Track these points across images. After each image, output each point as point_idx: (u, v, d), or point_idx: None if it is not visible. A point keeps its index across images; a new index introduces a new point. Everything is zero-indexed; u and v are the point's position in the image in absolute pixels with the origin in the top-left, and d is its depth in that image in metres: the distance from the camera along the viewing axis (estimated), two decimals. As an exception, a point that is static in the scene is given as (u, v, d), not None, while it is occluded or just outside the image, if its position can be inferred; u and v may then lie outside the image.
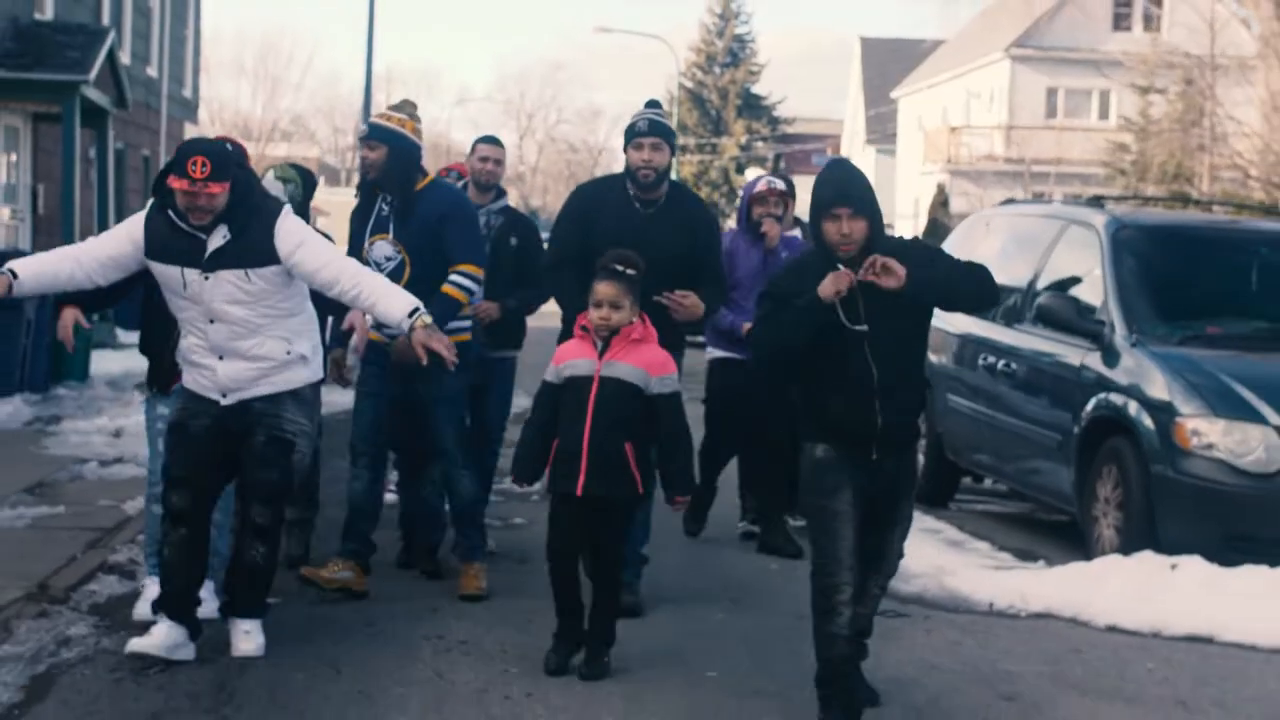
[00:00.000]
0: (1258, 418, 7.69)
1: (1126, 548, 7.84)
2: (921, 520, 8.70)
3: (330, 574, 7.07)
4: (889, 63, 60.34)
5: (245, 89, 73.58)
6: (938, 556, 8.42)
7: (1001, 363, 9.64)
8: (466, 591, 7.17)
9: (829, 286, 5.38)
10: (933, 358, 9.65)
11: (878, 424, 5.49)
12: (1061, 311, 8.85)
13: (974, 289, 5.58)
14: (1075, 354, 8.77)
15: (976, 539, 9.21)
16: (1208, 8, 28.88)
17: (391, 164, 7.22)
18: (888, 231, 5.73)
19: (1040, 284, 9.57)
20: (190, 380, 6.16)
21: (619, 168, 7.64)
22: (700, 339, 8.83)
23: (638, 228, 7.11)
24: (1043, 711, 5.77)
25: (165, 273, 6.03)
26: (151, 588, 6.50)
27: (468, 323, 7.34)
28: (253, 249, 5.99)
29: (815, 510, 5.60)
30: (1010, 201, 12.01)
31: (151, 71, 27.36)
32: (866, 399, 5.48)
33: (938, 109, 51.72)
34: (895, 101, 57.13)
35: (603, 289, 6.08)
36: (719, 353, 8.80)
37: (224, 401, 6.10)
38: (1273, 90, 24.43)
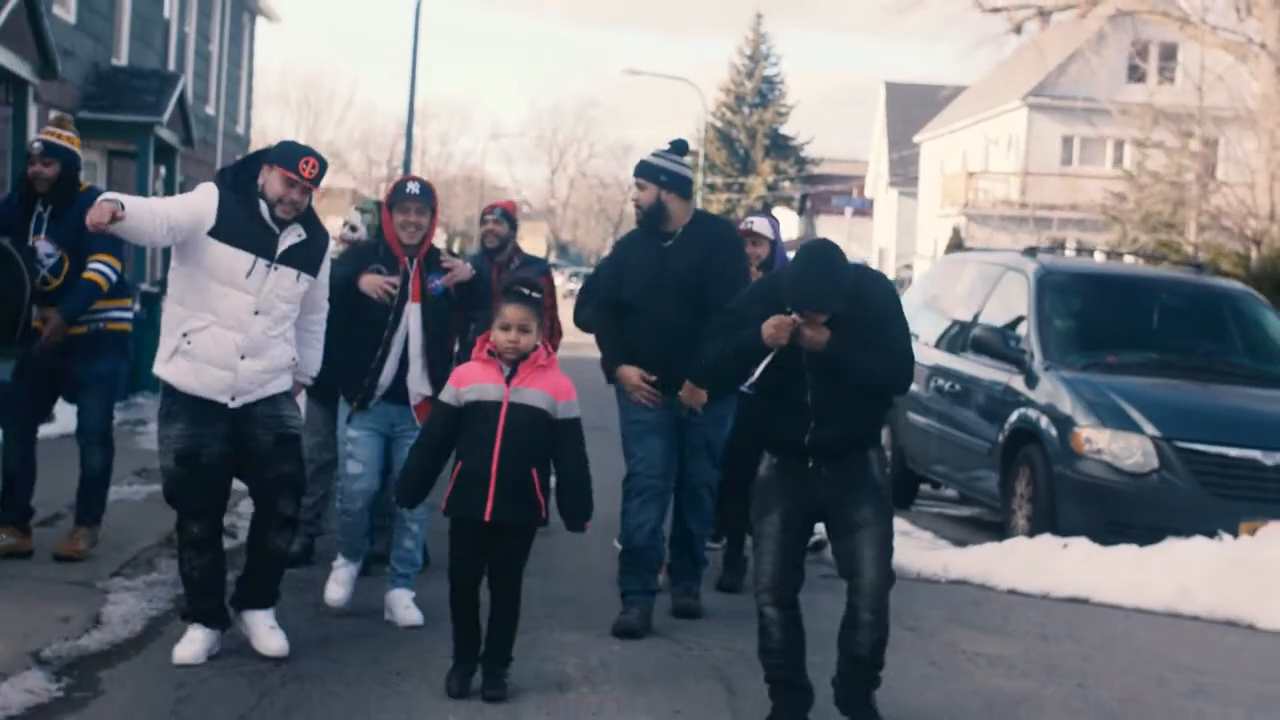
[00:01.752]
0: (1137, 429, 9.53)
1: (1032, 532, 9.68)
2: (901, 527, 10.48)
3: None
4: (913, 107, 60.66)
5: (289, 120, 75.61)
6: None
7: (949, 384, 11.53)
8: (61, 552, 7.85)
9: (771, 332, 5.56)
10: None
11: (805, 441, 5.68)
12: (992, 341, 10.72)
13: (881, 382, 5.75)
14: (1003, 376, 10.65)
15: (922, 530, 11.04)
16: (1217, 61, 30.38)
17: (61, 176, 7.84)
18: (906, 273, 6.84)
19: (982, 318, 11.44)
20: (200, 383, 6.21)
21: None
22: None
23: (657, 260, 7.48)
24: (933, 637, 7.56)
25: (229, 257, 6.16)
26: (341, 572, 7.29)
27: (129, 315, 8.18)
28: (312, 257, 6.41)
29: (755, 531, 5.86)
30: (964, 249, 13.89)
31: (210, 110, 29.32)
32: (801, 417, 5.68)
33: (958, 154, 52.76)
34: (918, 145, 58.03)
35: (512, 312, 6.03)
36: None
37: (232, 404, 6.23)
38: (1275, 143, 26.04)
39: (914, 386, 12.23)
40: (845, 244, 7.72)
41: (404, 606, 7.19)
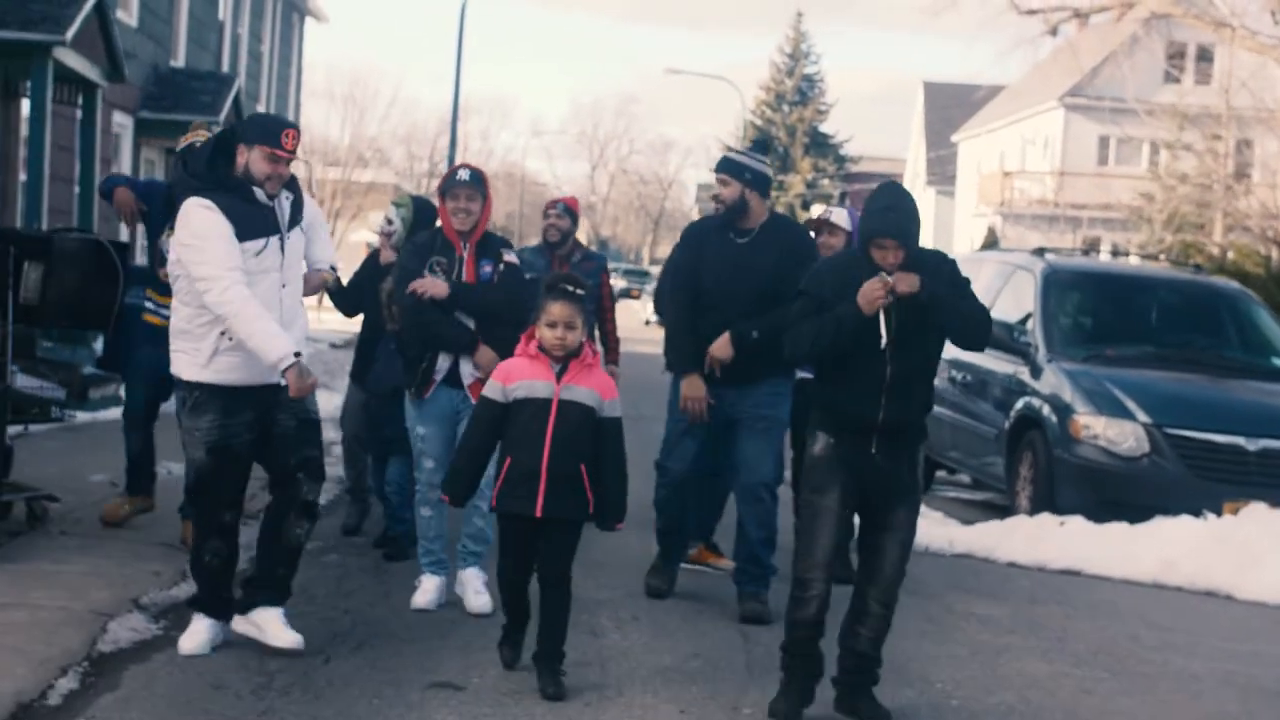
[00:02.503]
0: (1131, 416, 10.31)
1: (1033, 511, 10.46)
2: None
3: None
4: (951, 107, 60.46)
5: (335, 115, 76.44)
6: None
7: (962, 375, 12.32)
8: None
9: (867, 300, 5.64)
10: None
11: (879, 418, 5.72)
12: (1001, 336, 11.48)
13: (976, 324, 5.88)
14: (1010, 368, 11.43)
15: (934, 510, 11.82)
16: (1250, 64, 30.87)
17: None
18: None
19: (994, 314, 12.19)
20: (251, 373, 6.19)
21: (689, 200, 9.26)
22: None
23: (734, 256, 7.51)
24: (932, 600, 8.34)
25: (253, 249, 6.18)
26: (428, 582, 7.33)
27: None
28: (298, 208, 6.44)
29: (805, 504, 5.87)
30: (998, 249, 14.66)
31: (261, 108, 30.23)
32: (874, 393, 5.71)
33: (995, 153, 53.00)
34: (955, 145, 58.34)
35: (559, 309, 6.03)
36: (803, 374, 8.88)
37: (282, 381, 6.15)
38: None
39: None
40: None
41: (475, 591, 7.28)
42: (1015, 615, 8.08)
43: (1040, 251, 12.64)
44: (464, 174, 7.36)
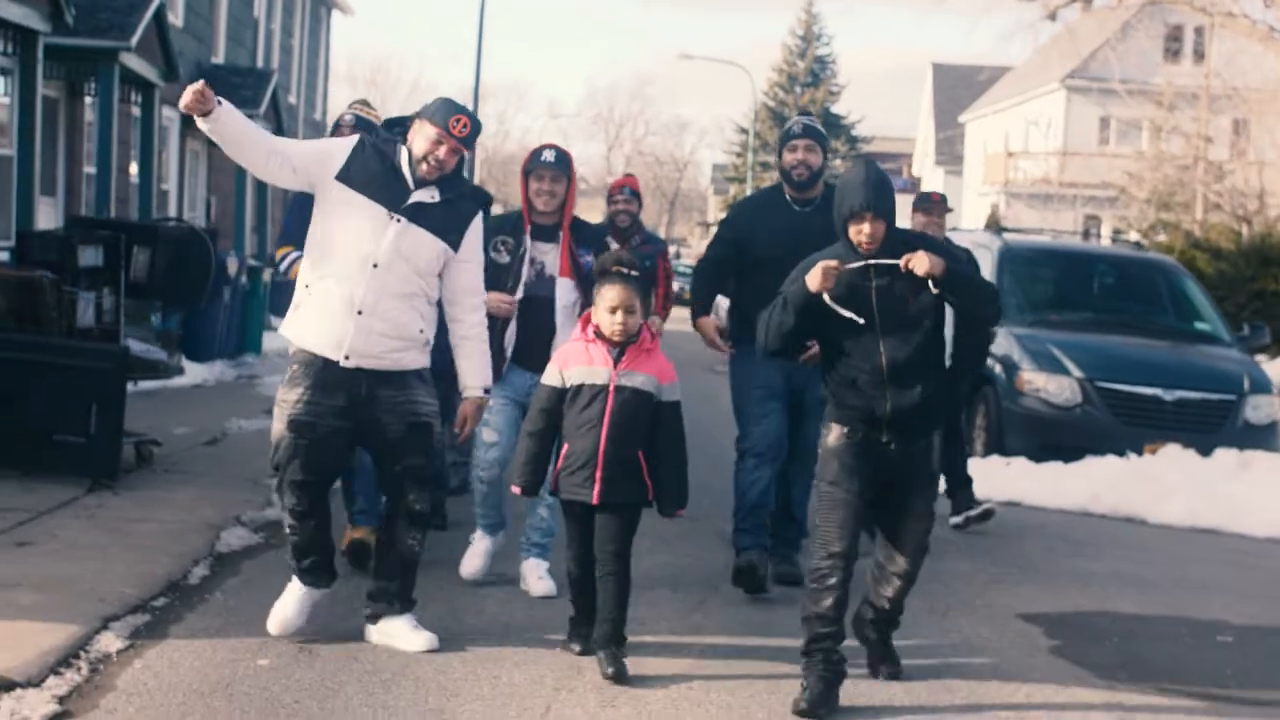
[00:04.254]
0: (1067, 372, 11.99)
1: (985, 454, 12.14)
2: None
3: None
4: (959, 87, 60.63)
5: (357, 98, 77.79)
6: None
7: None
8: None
9: (815, 279, 5.64)
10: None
11: (886, 410, 5.70)
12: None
13: (987, 301, 5.90)
14: (969, 333, 13.12)
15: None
16: (1247, 43, 32.18)
17: None
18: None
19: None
20: (314, 335, 6.00)
21: (704, 181, 9.40)
22: None
23: (796, 226, 7.41)
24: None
25: (354, 203, 5.96)
26: (479, 544, 7.38)
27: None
28: (450, 224, 6.07)
29: (823, 495, 5.80)
30: (1001, 228, 16.30)
31: (292, 99, 31.88)
32: (877, 385, 5.69)
33: (1000, 134, 54.14)
34: (963, 125, 59.43)
35: (616, 294, 5.97)
36: None
37: (345, 363, 5.94)
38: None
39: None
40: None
41: (537, 577, 7.19)
42: (959, 538, 9.73)
43: (999, 231, 14.30)
44: (549, 155, 7.22)
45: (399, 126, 6.33)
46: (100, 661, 5.71)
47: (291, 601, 6.20)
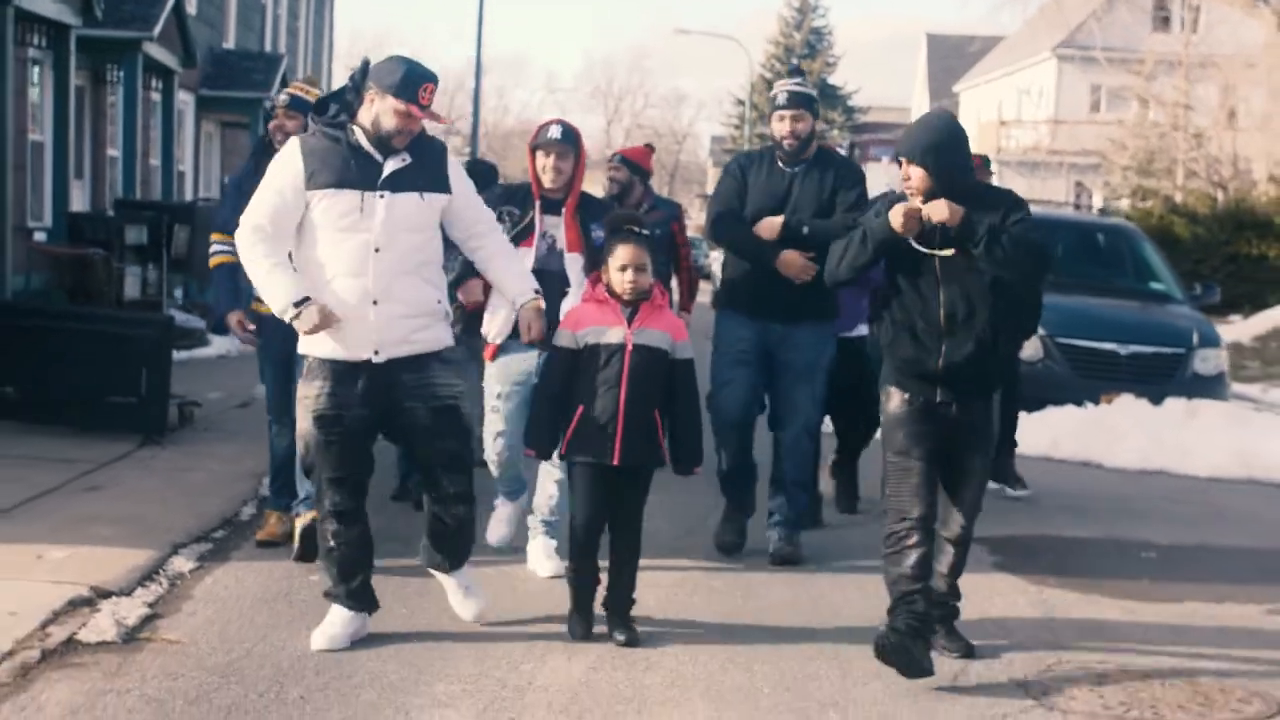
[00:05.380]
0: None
1: (956, 407, 13.12)
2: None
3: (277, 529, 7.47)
4: (952, 58, 61.54)
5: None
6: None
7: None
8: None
9: (898, 219, 5.59)
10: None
11: (939, 365, 5.62)
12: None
13: (1029, 264, 5.63)
14: (943, 295, 14.13)
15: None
16: (1231, 14, 33.03)
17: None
18: None
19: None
20: (340, 342, 5.73)
21: (703, 153, 9.02)
22: None
23: (784, 189, 7.45)
24: (862, 467, 11.00)
25: (338, 200, 5.68)
26: (502, 510, 7.29)
27: None
28: (428, 173, 5.84)
29: (890, 463, 5.74)
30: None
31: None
32: (933, 337, 5.64)
33: (994, 104, 54.80)
34: (957, 95, 59.95)
35: (627, 252, 5.94)
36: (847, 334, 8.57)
37: (376, 359, 5.73)
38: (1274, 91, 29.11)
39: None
40: (884, 188, 9.14)
41: (545, 556, 7.13)
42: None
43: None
44: (555, 131, 7.10)
45: (335, 102, 5.86)
46: (176, 578, 6.74)
47: (338, 622, 5.86)
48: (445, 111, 76.14)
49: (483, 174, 9.29)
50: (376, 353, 5.75)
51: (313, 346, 5.80)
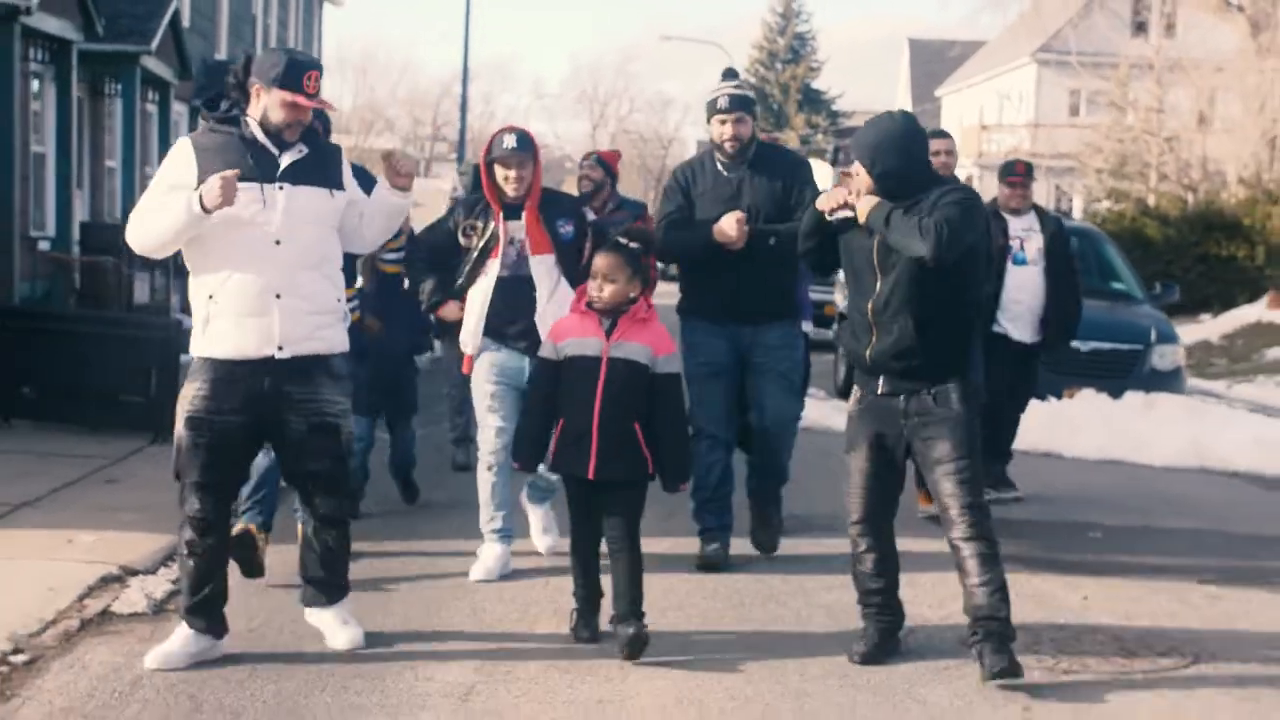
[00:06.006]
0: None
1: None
2: (837, 404, 14.60)
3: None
4: (934, 63, 62.20)
5: (347, 86, 78.88)
6: (827, 412, 14.36)
7: (881, 304, 15.64)
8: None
9: (824, 200, 5.80)
10: (838, 297, 15.64)
11: (866, 354, 5.74)
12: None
13: (920, 246, 5.51)
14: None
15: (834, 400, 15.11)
16: (1204, 19, 33.70)
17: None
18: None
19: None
20: (243, 338, 5.54)
21: (689, 156, 7.15)
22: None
23: (734, 191, 7.43)
24: (831, 456, 11.58)
25: (237, 194, 5.44)
26: (491, 550, 7.18)
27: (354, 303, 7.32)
28: (328, 168, 5.77)
29: (847, 463, 5.96)
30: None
31: (290, 90, 33.46)
32: (864, 327, 5.76)
33: (975, 108, 55.51)
34: (939, 99, 60.66)
35: (600, 261, 5.98)
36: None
37: (280, 354, 5.57)
38: (1246, 96, 29.79)
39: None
40: None
41: (542, 529, 7.56)
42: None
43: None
44: (509, 140, 7.03)
45: (221, 98, 5.75)
46: (196, 558, 7.31)
47: (178, 640, 5.67)
48: (430, 117, 76.42)
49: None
50: (280, 348, 5.59)
51: (213, 347, 5.59)
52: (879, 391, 5.79)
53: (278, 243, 5.57)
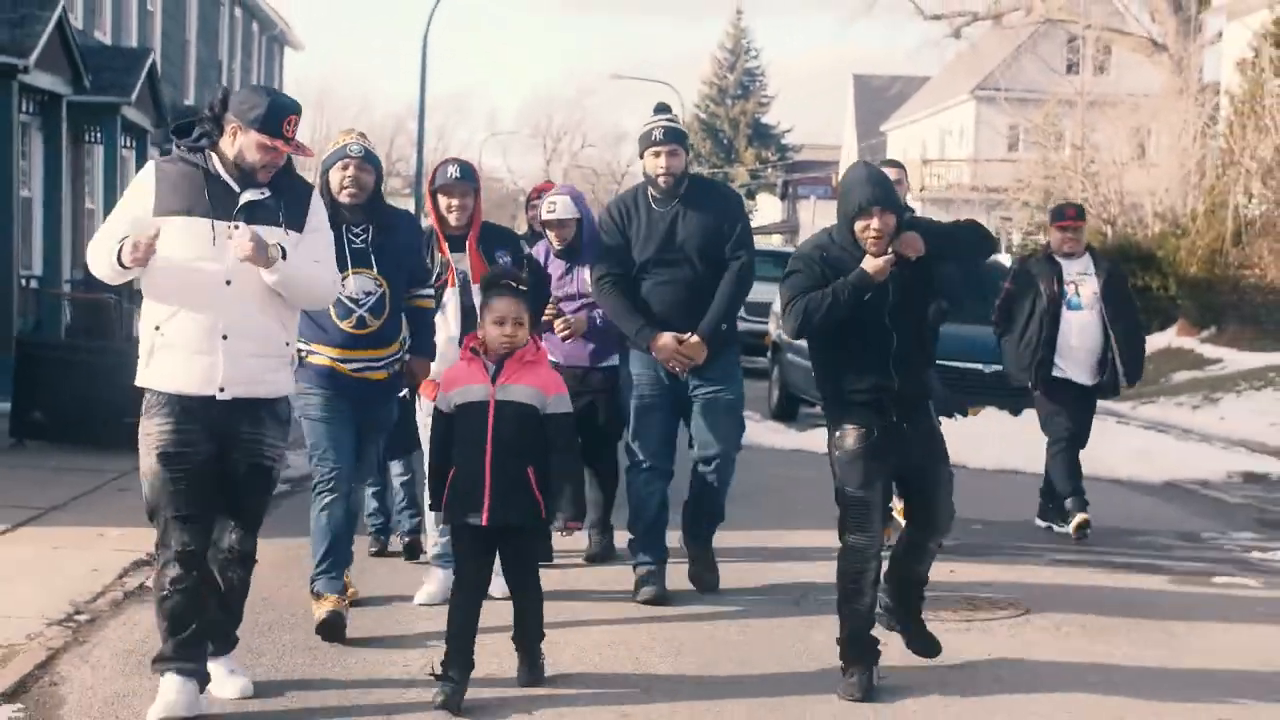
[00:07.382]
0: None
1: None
2: (772, 425, 16.07)
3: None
4: (879, 99, 63.06)
5: (305, 126, 79.42)
6: (763, 432, 15.80)
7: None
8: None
9: (880, 268, 5.89)
10: (773, 329, 17.12)
11: (895, 387, 5.98)
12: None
13: (971, 236, 6.22)
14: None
15: (790, 430, 16.55)
16: (1140, 54, 35.25)
17: (378, 189, 6.99)
18: None
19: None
20: (185, 374, 5.48)
21: None
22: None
23: (668, 227, 7.53)
24: (763, 470, 13.00)
25: (183, 227, 5.41)
26: (435, 575, 7.47)
27: (382, 362, 6.96)
28: (290, 208, 5.63)
29: (850, 501, 6.05)
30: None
31: (253, 132, 34.72)
32: (883, 364, 5.96)
33: (918, 143, 56.93)
34: (885, 135, 61.95)
35: (504, 305, 5.80)
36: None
37: (220, 395, 5.49)
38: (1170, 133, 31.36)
39: (791, 334, 17.76)
40: (815, 225, 10.92)
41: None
42: (816, 478, 12.79)
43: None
44: (453, 170, 7.21)
45: (193, 127, 5.66)
46: (209, 549, 8.64)
47: (170, 689, 5.55)
48: (384, 154, 77.09)
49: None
50: (221, 390, 5.52)
51: (158, 380, 5.55)
52: (894, 419, 6.09)
53: (228, 282, 5.48)
